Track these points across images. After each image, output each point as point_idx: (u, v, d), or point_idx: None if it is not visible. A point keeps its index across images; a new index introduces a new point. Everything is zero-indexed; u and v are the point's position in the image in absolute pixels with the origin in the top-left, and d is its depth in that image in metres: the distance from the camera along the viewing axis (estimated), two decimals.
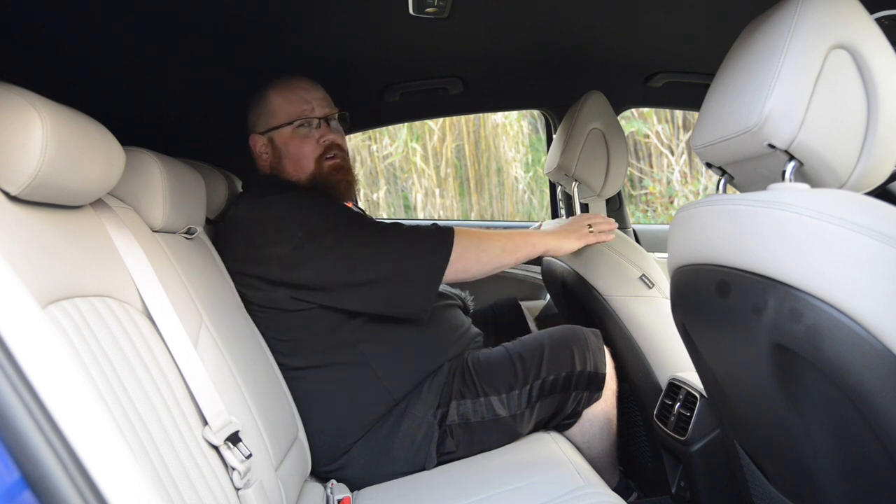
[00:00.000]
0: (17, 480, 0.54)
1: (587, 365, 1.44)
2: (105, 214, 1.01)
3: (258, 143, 1.54)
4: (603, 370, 1.46)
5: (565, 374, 1.43)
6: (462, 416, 1.41)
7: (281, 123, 1.51)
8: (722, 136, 0.87)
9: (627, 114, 3.15)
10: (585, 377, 1.44)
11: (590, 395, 1.47)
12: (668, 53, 1.90)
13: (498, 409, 1.41)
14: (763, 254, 0.76)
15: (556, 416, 1.48)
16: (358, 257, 1.36)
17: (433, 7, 1.41)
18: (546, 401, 1.43)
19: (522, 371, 1.42)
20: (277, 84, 1.54)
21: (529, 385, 1.41)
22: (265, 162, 1.55)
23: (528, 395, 1.41)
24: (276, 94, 1.53)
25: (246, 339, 1.30)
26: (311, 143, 1.51)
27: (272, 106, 1.52)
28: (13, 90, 0.80)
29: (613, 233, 1.59)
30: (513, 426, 1.42)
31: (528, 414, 1.42)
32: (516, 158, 5.29)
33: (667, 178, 5.27)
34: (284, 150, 1.52)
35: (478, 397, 1.42)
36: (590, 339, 1.48)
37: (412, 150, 5.19)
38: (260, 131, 1.54)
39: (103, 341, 0.81)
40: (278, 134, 1.52)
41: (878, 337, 0.65)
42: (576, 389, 1.44)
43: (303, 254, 1.34)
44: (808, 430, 0.79)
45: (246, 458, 0.98)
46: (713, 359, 0.98)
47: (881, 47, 0.80)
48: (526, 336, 1.54)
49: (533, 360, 1.43)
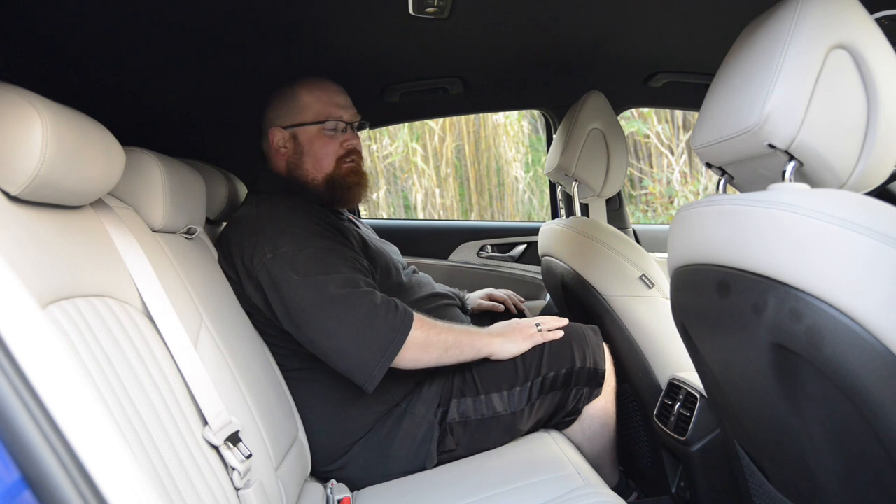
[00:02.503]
0: (17, 480, 0.54)
1: (587, 361, 1.45)
2: (105, 214, 1.01)
3: (278, 136, 1.53)
4: (603, 366, 1.47)
5: (565, 370, 1.43)
6: (462, 415, 1.41)
7: (309, 121, 1.52)
8: (722, 136, 0.87)
9: (627, 114, 3.15)
10: (585, 373, 1.45)
11: (590, 392, 1.47)
12: (668, 53, 1.90)
13: (498, 406, 1.41)
14: (763, 254, 0.76)
15: (557, 414, 1.48)
16: (322, 308, 1.29)
17: (433, 7, 1.41)
18: (546, 398, 1.43)
19: (523, 368, 1.42)
20: (307, 82, 1.54)
21: (530, 382, 1.42)
22: (283, 157, 1.54)
23: (528, 392, 1.42)
24: (307, 92, 1.53)
25: (246, 339, 1.30)
26: (334, 145, 1.53)
27: (302, 102, 1.52)
28: (13, 90, 0.80)
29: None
30: (513, 423, 1.42)
31: (528, 411, 1.43)
32: (516, 158, 5.29)
33: (667, 178, 5.27)
34: (307, 147, 1.52)
35: (478, 395, 1.42)
36: (589, 335, 1.48)
37: (412, 150, 5.19)
38: (283, 125, 1.53)
39: (103, 341, 0.81)
40: (303, 131, 1.52)
41: (878, 337, 0.65)
42: (576, 386, 1.45)
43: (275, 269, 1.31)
44: (808, 430, 0.79)
45: (246, 458, 0.98)
46: (713, 359, 0.98)
47: (881, 47, 0.80)
48: None
49: (533, 358, 1.43)
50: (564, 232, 1.80)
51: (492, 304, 1.85)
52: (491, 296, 1.88)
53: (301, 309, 1.30)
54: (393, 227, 2.79)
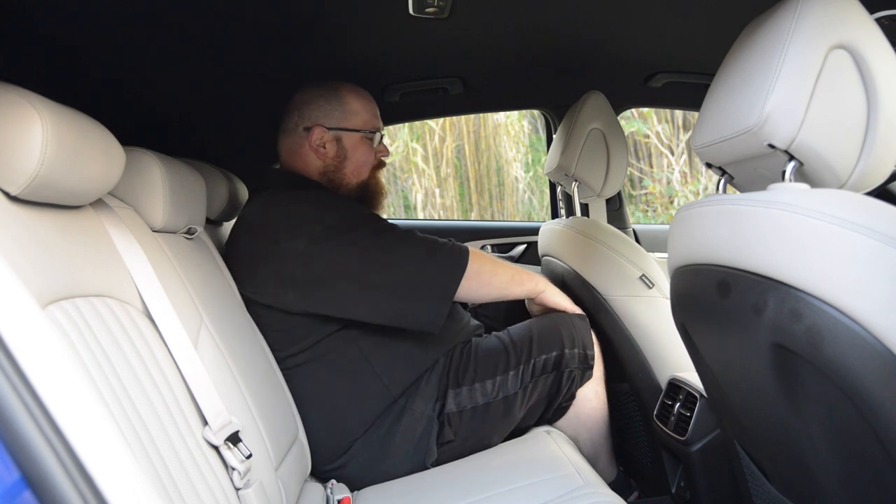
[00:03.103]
0: (17, 480, 0.54)
1: (576, 345, 1.50)
2: (105, 214, 1.01)
3: (320, 135, 1.52)
4: (591, 350, 1.51)
5: (556, 353, 1.48)
6: (458, 405, 1.44)
7: (358, 128, 1.55)
8: (722, 136, 0.87)
9: (627, 114, 3.15)
10: (576, 357, 1.49)
11: (581, 374, 1.51)
12: (668, 53, 1.91)
13: (492, 392, 1.44)
14: (763, 254, 0.76)
15: (554, 400, 1.51)
16: (374, 259, 1.37)
17: (433, 7, 1.41)
18: (539, 381, 1.47)
19: (515, 354, 1.47)
20: (352, 88, 1.56)
21: (522, 366, 1.46)
22: (321, 156, 1.53)
23: (520, 376, 1.46)
24: (355, 98, 1.55)
25: (246, 339, 1.30)
26: (372, 154, 1.58)
27: (351, 107, 1.54)
28: (13, 90, 0.80)
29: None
30: (508, 408, 1.45)
31: (521, 395, 1.46)
32: (516, 158, 5.29)
33: (667, 178, 5.27)
34: (351, 152, 1.55)
35: (473, 384, 1.45)
36: (576, 321, 1.54)
37: (412, 150, 5.19)
38: (329, 126, 1.53)
39: (103, 341, 0.81)
40: (349, 136, 1.54)
41: (878, 337, 0.65)
42: (567, 368, 1.48)
43: (318, 249, 1.34)
44: (808, 430, 0.79)
45: (246, 458, 0.98)
46: (713, 359, 0.98)
47: (881, 47, 0.80)
48: (515, 325, 1.57)
49: (524, 343, 1.48)
50: (564, 232, 1.80)
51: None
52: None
53: (361, 254, 1.36)
54: None
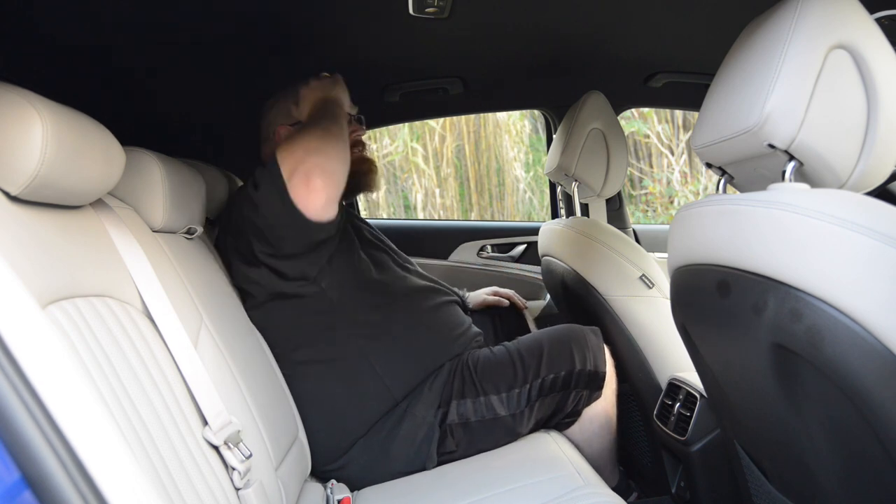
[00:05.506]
0: (17, 480, 0.54)
1: (587, 363, 1.44)
2: (105, 214, 1.01)
3: (284, 134, 1.53)
4: (603, 369, 1.46)
5: (565, 372, 1.43)
6: (462, 416, 1.41)
7: None
8: (722, 136, 0.87)
9: (627, 114, 3.15)
10: (585, 376, 1.44)
11: (589, 394, 1.47)
12: (668, 53, 1.91)
13: (498, 408, 1.41)
14: (763, 254, 0.76)
15: (556, 415, 1.48)
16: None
17: (433, 7, 1.41)
18: (546, 400, 1.43)
19: (522, 370, 1.42)
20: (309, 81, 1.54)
21: (529, 384, 1.42)
22: None
23: (527, 394, 1.41)
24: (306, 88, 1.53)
25: (246, 339, 1.30)
26: None
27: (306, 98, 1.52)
28: (13, 90, 0.80)
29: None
30: (512, 425, 1.42)
31: (527, 413, 1.42)
32: (517, 158, 5.29)
33: (667, 178, 5.26)
34: None
35: (478, 397, 1.42)
36: (589, 337, 1.48)
37: (412, 150, 5.19)
38: (291, 123, 1.53)
39: (103, 341, 0.81)
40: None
41: (878, 337, 0.65)
42: (576, 388, 1.44)
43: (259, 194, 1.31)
44: (808, 430, 0.79)
45: (246, 458, 0.98)
46: (713, 359, 0.98)
47: (881, 47, 0.80)
48: (525, 336, 1.54)
49: (532, 359, 1.43)
50: (564, 232, 1.80)
51: (497, 298, 1.87)
52: (497, 292, 1.90)
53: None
54: (393, 227, 2.79)
